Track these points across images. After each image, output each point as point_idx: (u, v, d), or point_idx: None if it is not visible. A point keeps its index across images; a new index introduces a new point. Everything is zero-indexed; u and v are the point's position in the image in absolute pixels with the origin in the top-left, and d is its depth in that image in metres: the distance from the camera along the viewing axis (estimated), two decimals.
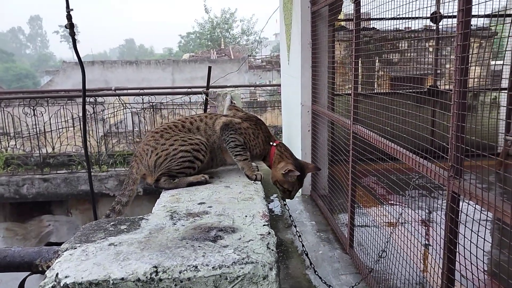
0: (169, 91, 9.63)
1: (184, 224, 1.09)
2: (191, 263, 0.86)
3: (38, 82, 48.06)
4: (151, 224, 1.10)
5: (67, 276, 0.84)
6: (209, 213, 1.17)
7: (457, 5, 1.60)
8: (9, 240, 6.68)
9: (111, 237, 1.01)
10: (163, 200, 1.39)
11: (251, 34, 33.90)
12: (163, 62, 20.51)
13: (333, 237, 3.55)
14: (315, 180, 4.39)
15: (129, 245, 0.96)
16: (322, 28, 4.12)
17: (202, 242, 0.95)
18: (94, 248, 0.96)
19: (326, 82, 4.09)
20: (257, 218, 1.12)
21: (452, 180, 1.68)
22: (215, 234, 1.00)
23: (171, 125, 1.99)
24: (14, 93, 10.84)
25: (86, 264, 0.88)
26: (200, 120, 2.06)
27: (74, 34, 2.40)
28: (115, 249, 0.95)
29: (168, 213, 1.20)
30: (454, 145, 1.66)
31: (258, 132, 2.08)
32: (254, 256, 0.89)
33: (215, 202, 1.28)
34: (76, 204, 6.69)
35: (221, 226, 1.04)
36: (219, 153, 1.99)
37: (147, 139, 1.95)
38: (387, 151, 2.36)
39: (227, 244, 0.95)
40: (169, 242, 0.97)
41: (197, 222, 1.10)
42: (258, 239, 0.98)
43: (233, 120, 2.03)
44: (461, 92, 1.62)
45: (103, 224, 1.10)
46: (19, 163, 6.55)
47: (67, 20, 2.29)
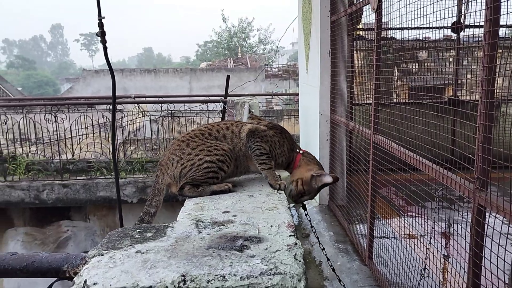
0: (188, 99, 9.71)
1: (210, 232, 1.09)
2: (218, 273, 0.86)
3: (58, 89, 49.05)
4: (177, 232, 1.10)
5: (96, 283, 0.85)
6: (234, 222, 1.16)
7: (484, 15, 1.58)
8: (28, 245, 6.78)
9: (138, 244, 1.01)
10: (187, 208, 1.39)
11: (268, 43, 34.03)
12: (181, 70, 20.72)
13: (352, 248, 3.51)
14: (333, 190, 4.36)
15: (156, 253, 0.96)
16: (341, 37, 4.11)
17: (228, 251, 0.95)
18: (121, 255, 0.96)
19: (345, 91, 4.07)
20: (282, 228, 1.11)
21: (478, 193, 1.64)
22: (241, 243, 0.99)
23: (197, 133, 1.98)
24: (35, 99, 11.07)
25: (114, 271, 0.88)
26: (227, 128, 2.06)
27: (105, 42, 2.44)
28: (142, 257, 0.95)
29: (193, 221, 1.20)
30: (480, 157, 1.63)
31: (283, 141, 2.08)
32: (282, 267, 0.88)
33: (239, 211, 1.28)
34: (94, 210, 6.75)
35: (247, 236, 1.04)
36: (244, 160, 1.99)
37: (173, 148, 1.95)
38: (409, 161, 2.33)
39: (254, 254, 0.94)
40: (196, 251, 0.97)
41: (222, 231, 1.09)
42: (285, 249, 0.97)
43: (259, 128, 2.03)
44: (488, 103, 1.59)
45: (129, 231, 1.10)
46: (39, 168, 6.67)
47: (99, 28, 2.32)
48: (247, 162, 2.01)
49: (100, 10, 2.29)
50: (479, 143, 1.63)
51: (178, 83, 19.53)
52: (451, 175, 1.89)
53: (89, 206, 6.68)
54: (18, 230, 6.83)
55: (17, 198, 6.24)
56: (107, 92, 19.57)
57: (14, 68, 66.80)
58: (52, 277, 0.99)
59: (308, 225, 4.04)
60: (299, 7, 5.28)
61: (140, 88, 18.02)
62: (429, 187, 2.56)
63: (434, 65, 4.92)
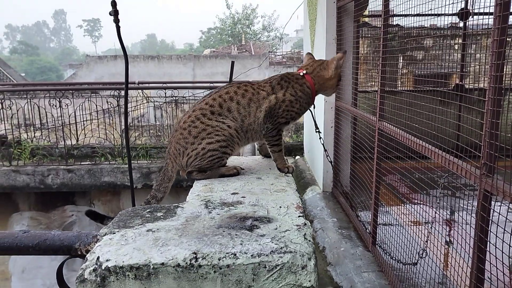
0: (192, 85, 9.69)
1: (219, 213, 1.10)
2: (229, 251, 0.87)
3: (62, 75, 49.05)
4: (187, 212, 1.11)
5: (108, 259, 0.86)
6: (243, 203, 1.17)
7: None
8: (33, 229, 6.84)
9: (149, 223, 1.03)
10: (196, 190, 1.40)
11: (272, 30, 33.84)
12: (184, 57, 20.65)
13: (355, 234, 3.52)
14: (336, 177, 4.36)
15: (166, 231, 0.98)
16: (347, 23, 4.08)
17: (238, 230, 0.96)
18: (132, 233, 0.97)
19: (351, 78, 4.05)
20: (291, 209, 1.12)
21: (485, 178, 1.64)
22: (251, 223, 1.00)
23: (198, 115, 1.98)
24: (40, 85, 11.06)
25: (126, 248, 0.89)
26: (231, 99, 2.05)
27: (119, 21, 2.41)
28: (153, 235, 0.96)
29: (203, 202, 1.21)
30: (487, 143, 1.63)
31: (296, 89, 2.28)
32: (292, 246, 0.89)
33: (248, 193, 1.28)
34: (98, 195, 6.80)
35: (256, 216, 1.05)
36: (255, 133, 2.05)
37: (177, 137, 1.97)
38: (415, 148, 2.33)
39: (264, 234, 0.95)
40: (206, 230, 0.98)
41: (232, 211, 1.10)
42: (295, 229, 0.97)
43: (278, 100, 2.13)
44: (497, 88, 1.58)
45: (140, 211, 1.12)
46: (44, 153, 6.70)
47: (112, 7, 2.30)
48: (260, 134, 2.07)
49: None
50: (487, 129, 1.62)
51: (181, 70, 19.48)
52: (458, 161, 1.89)
53: (93, 191, 6.72)
54: (23, 214, 6.89)
55: (22, 182, 6.29)
56: (110, 78, 19.58)
57: (17, 54, 66.71)
58: (64, 255, 1.00)
59: (311, 211, 4.06)
60: None
61: (143, 75, 17.99)
62: (434, 174, 2.56)
63: (440, 53, 4.89)
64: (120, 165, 6.33)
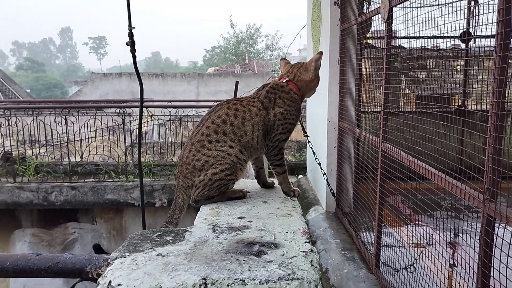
0: (196, 104, 9.77)
1: (227, 237, 1.12)
2: (238, 277, 0.89)
3: (66, 92, 49.45)
4: (195, 236, 1.13)
5: (120, 284, 0.88)
6: (250, 228, 1.19)
7: (496, 28, 1.60)
8: (35, 246, 6.83)
9: (158, 247, 1.05)
10: (203, 213, 1.42)
11: (275, 49, 34.18)
12: (188, 75, 20.84)
13: (358, 256, 3.51)
14: (340, 197, 4.37)
15: (176, 256, 0.99)
16: (350, 45, 4.14)
17: (246, 256, 0.98)
18: (143, 257, 0.99)
19: (354, 99, 4.09)
20: (298, 235, 1.14)
21: (488, 203, 1.66)
22: (258, 249, 1.02)
23: (198, 148, 2.03)
24: (45, 102, 11.18)
25: (137, 273, 0.91)
26: (224, 122, 2.11)
27: (135, 51, 2.51)
28: (163, 260, 0.98)
29: (210, 226, 1.23)
30: (490, 168, 1.65)
31: (283, 98, 2.36)
32: (299, 273, 0.90)
33: (254, 217, 1.30)
34: (101, 213, 6.81)
35: (263, 241, 1.07)
36: (257, 150, 2.11)
37: (184, 172, 2.02)
38: (418, 171, 2.35)
39: (271, 260, 0.97)
40: (215, 255, 1.00)
41: (239, 236, 1.12)
42: (302, 255, 0.99)
43: (270, 116, 2.21)
44: (499, 114, 1.61)
45: (149, 235, 1.14)
46: (48, 170, 6.73)
47: (129, 38, 2.39)
48: (260, 151, 2.15)
49: (131, 20, 2.35)
50: (489, 154, 1.65)
51: (185, 88, 19.63)
52: (461, 185, 1.90)
53: (96, 209, 6.73)
54: (26, 231, 6.89)
55: (25, 199, 6.31)
56: (115, 95, 19.73)
57: (23, 70, 67.44)
58: (75, 278, 1.02)
59: (314, 231, 4.05)
60: (309, 15, 5.32)
61: (148, 92, 18.13)
62: (437, 196, 2.57)
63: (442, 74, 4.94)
64: (123, 183, 6.36)
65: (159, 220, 6.17)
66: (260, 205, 1.49)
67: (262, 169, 2.50)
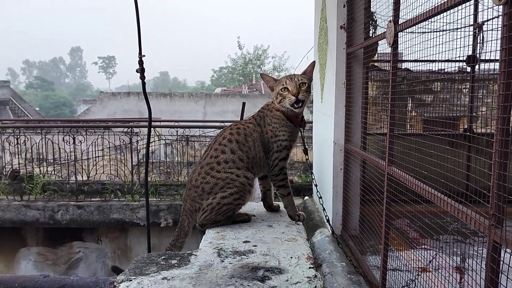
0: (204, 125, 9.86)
1: (232, 262, 1.12)
2: None
3: (75, 110, 50.03)
4: (200, 260, 1.14)
5: None
6: (255, 252, 1.20)
7: (499, 55, 1.63)
8: (40, 264, 6.82)
9: (163, 271, 1.06)
10: (209, 237, 1.43)
11: (282, 70, 34.46)
12: (196, 95, 21.04)
13: (364, 280, 3.47)
14: (346, 220, 4.35)
15: (181, 280, 1.00)
16: (356, 68, 4.18)
17: (250, 281, 0.98)
18: (148, 281, 1.00)
19: (360, 121, 4.11)
20: (302, 260, 1.14)
21: (494, 229, 1.65)
22: (262, 274, 1.03)
23: (207, 170, 2.07)
24: (54, 121, 11.31)
25: None
26: (230, 141, 2.18)
27: (144, 78, 2.60)
28: (168, 284, 0.99)
29: (215, 250, 1.24)
30: (495, 194, 1.65)
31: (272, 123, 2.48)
32: None
33: (259, 241, 1.31)
34: (106, 232, 6.80)
35: (268, 266, 1.07)
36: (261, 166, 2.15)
37: (192, 195, 2.05)
38: (424, 195, 2.34)
39: (275, 285, 0.98)
40: (219, 280, 1.01)
41: (244, 260, 1.13)
42: (305, 281, 1.00)
43: (263, 132, 2.27)
44: (504, 141, 1.62)
45: (155, 258, 1.15)
46: (55, 188, 6.77)
47: (139, 65, 2.47)
48: (264, 169, 2.19)
49: (141, 48, 2.41)
50: (495, 180, 1.65)
51: (192, 107, 19.79)
52: (466, 210, 1.90)
53: (101, 228, 6.73)
54: (31, 249, 6.89)
55: (32, 217, 6.33)
56: (123, 114, 19.92)
57: (33, 88, 68.43)
58: None
59: (320, 254, 4.02)
60: (315, 38, 5.40)
61: (155, 112, 18.26)
62: (443, 220, 2.56)
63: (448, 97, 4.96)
64: (129, 202, 6.37)
65: (164, 240, 6.15)
66: (265, 229, 1.49)
67: (269, 191, 2.53)
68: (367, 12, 3.96)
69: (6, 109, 27.14)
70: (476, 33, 4.78)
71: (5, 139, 6.96)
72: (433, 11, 2.25)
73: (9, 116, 24.49)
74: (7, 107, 27.42)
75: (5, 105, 27.38)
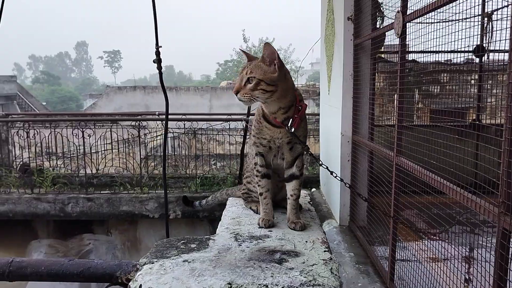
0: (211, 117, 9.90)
1: (249, 245, 1.16)
2: (261, 282, 0.93)
3: (81, 104, 50.26)
4: (218, 244, 1.17)
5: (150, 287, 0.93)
6: (271, 237, 1.23)
7: (510, 44, 1.64)
8: (50, 256, 6.92)
9: (184, 254, 1.09)
10: (225, 223, 1.47)
11: (287, 63, 34.36)
12: (202, 89, 21.08)
13: (372, 270, 3.50)
14: (353, 210, 4.37)
15: (201, 262, 1.04)
16: (364, 60, 4.18)
17: (268, 263, 1.02)
18: (170, 263, 1.04)
19: (367, 112, 4.12)
20: (317, 244, 1.18)
21: (503, 217, 1.67)
22: (279, 256, 1.06)
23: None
24: (61, 115, 11.40)
25: (166, 277, 0.96)
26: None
27: (161, 68, 2.63)
28: (189, 266, 1.02)
29: (232, 235, 1.27)
30: (505, 182, 1.67)
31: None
32: (320, 280, 0.94)
33: (274, 227, 1.35)
34: (116, 224, 6.88)
35: (284, 250, 1.11)
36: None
37: None
38: (433, 184, 2.36)
39: (293, 267, 1.01)
40: (238, 262, 1.04)
41: (260, 244, 1.17)
42: (321, 263, 1.03)
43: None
44: None
45: (174, 242, 1.19)
46: (65, 182, 6.85)
47: (156, 56, 2.50)
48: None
49: (158, 39, 2.45)
50: (504, 168, 1.67)
51: (198, 101, 19.84)
52: (476, 199, 1.92)
53: (111, 220, 6.81)
54: (42, 242, 6.99)
55: (43, 210, 6.41)
56: (129, 108, 20.00)
57: (39, 83, 68.79)
58: (105, 282, 1.07)
59: None
60: (322, 30, 5.39)
61: (161, 105, 18.26)
62: (452, 210, 2.58)
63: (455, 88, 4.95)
64: (138, 195, 6.44)
65: (173, 232, 6.21)
66: (280, 216, 1.53)
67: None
68: (375, 3, 3.95)
69: (13, 104, 27.34)
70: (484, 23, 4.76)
71: (15, 133, 7.04)
72: (442, 1, 2.25)
73: (16, 111, 24.68)
74: (14, 102, 27.63)
75: (12, 100, 27.58)
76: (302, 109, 2.48)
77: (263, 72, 2.36)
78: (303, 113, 2.58)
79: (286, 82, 2.41)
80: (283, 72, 2.42)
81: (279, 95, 2.36)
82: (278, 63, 2.43)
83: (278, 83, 2.34)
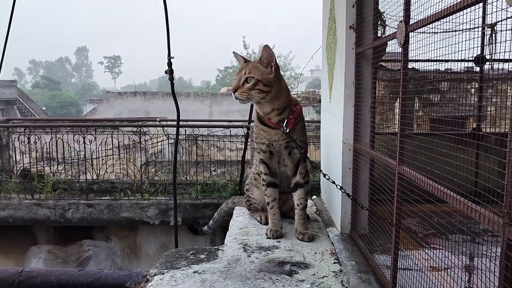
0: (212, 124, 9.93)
1: (258, 257, 1.16)
2: None
3: (81, 110, 50.25)
4: (228, 255, 1.18)
5: None
6: (279, 248, 1.24)
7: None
8: (50, 263, 6.89)
9: (194, 265, 1.10)
10: (233, 233, 1.48)
11: (287, 70, 34.44)
12: (202, 94, 21.12)
13: (374, 278, 3.50)
14: (354, 218, 4.37)
15: (211, 273, 1.05)
16: (365, 68, 4.20)
17: (278, 275, 1.02)
18: (180, 274, 1.04)
19: (369, 120, 4.13)
20: (326, 256, 1.18)
21: (508, 228, 1.68)
22: (289, 268, 1.07)
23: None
24: (61, 120, 11.40)
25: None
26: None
27: (173, 79, 2.66)
28: (200, 277, 1.03)
29: (241, 246, 1.28)
30: (510, 192, 1.67)
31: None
32: None
33: (282, 237, 1.35)
34: (116, 231, 6.86)
35: (294, 261, 1.11)
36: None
37: None
38: (436, 194, 2.37)
39: (303, 279, 1.01)
40: (248, 273, 1.05)
41: (269, 255, 1.17)
42: (332, 275, 1.04)
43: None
44: None
45: (183, 253, 1.19)
46: (65, 187, 6.83)
47: (168, 67, 2.53)
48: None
49: (170, 50, 2.46)
50: (509, 179, 1.67)
51: (198, 107, 19.86)
52: (480, 209, 1.92)
53: (111, 226, 6.79)
54: (41, 247, 6.96)
55: (43, 216, 6.40)
56: (129, 114, 20.01)
57: (39, 88, 68.83)
58: None
59: None
60: (323, 38, 5.42)
61: (161, 111, 18.34)
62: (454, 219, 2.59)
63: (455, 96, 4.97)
64: (139, 201, 6.43)
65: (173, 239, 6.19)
66: (287, 226, 1.53)
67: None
68: (376, 12, 3.98)
69: (13, 109, 27.34)
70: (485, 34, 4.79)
71: (16, 138, 7.04)
72: (446, 11, 2.27)
73: (16, 115, 24.68)
74: (15, 107, 27.62)
75: (12, 105, 27.58)
76: (297, 110, 2.60)
77: (260, 72, 2.46)
78: (298, 114, 2.68)
79: (280, 84, 2.54)
80: (278, 74, 2.56)
81: (273, 96, 2.48)
82: (275, 65, 2.54)
83: (273, 84, 2.47)
